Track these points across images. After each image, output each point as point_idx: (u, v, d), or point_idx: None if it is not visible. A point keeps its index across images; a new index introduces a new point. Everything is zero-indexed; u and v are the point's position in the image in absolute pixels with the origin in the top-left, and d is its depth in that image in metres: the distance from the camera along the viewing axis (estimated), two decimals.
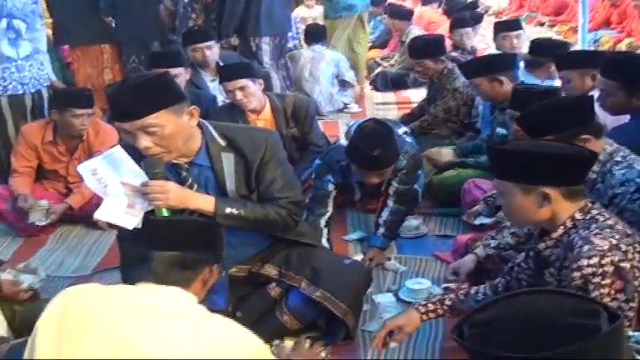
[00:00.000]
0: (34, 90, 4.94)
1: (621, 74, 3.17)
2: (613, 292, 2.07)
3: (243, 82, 4.37)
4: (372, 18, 9.99)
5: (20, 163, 4.47)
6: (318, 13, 9.59)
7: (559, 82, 4.02)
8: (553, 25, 11.74)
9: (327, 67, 7.12)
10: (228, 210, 2.72)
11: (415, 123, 5.40)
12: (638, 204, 2.57)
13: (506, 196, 2.26)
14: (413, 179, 3.89)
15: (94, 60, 6.09)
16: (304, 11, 10.06)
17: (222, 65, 5.01)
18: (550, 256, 2.28)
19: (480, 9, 11.40)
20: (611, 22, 10.08)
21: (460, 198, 4.13)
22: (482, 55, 5.77)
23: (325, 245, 3.63)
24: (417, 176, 3.95)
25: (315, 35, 7.31)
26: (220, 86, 4.74)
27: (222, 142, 2.77)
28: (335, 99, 7.23)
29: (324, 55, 7.15)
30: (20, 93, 4.88)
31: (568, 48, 5.16)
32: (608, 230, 2.14)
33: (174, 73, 4.30)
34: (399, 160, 3.72)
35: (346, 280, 2.95)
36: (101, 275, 3.83)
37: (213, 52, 5.36)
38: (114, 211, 2.63)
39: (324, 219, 3.82)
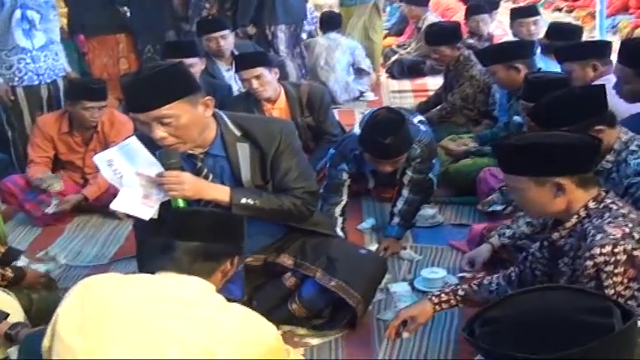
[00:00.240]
0: (49, 80, 4.97)
1: (638, 61, 3.14)
2: (626, 280, 2.07)
3: (258, 71, 4.38)
4: (388, 5, 9.93)
5: (37, 153, 4.50)
6: (333, 0, 9.54)
7: None
8: (571, 11, 11.61)
9: (342, 55, 7.09)
10: (243, 200, 2.72)
11: (434, 111, 5.38)
12: None
13: (520, 191, 2.25)
14: (427, 168, 3.89)
15: (109, 50, 6.09)
16: None
17: (237, 54, 5.01)
18: (564, 246, 2.28)
19: None
20: (630, 7, 9.95)
21: (476, 187, 4.12)
22: (499, 42, 5.72)
23: (340, 234, 3.64)
24: (431, 165, 3.95)
25: (331, 23, 7.28)
26: (236, 75, 4.74)
27: (238, 132, 2.78)
28: (351, 87, 7.20)
29: (339, 43, 7.12)
30: (36, 84, 4.91)
31: (582, 33, 5.13)
32: (621, 219, 2.14)
33: (188, 62, 4.31)
34: (412, 149, 3.72)
35: (362, 270, 2.96)
36: (118, 264, 3.86)
37: (227, 41, 5.34)
38: (130, 202, 2.65)
39: (339, 207, 3.82)
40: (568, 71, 3.75)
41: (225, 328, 1.90)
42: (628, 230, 2.09)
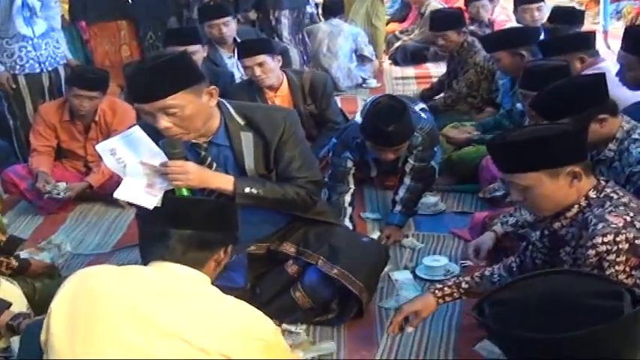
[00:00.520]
0: (51, 68, 4.98)
1: None
2: (628, 269, 2.07)
3: (261, 58, 4.37)
4: None
5: (39, 142, 4.50)
6: None
7: None
8: None
9: (345, 42, 7.06)
10: (247, 189, 2.72)
11: (439, 99, 5.37)
12: None
13: (531, 189, 2.17)
14: (429, 156, 3.88)
15: (111, 37, 6.07)
16: None
17: (240, 41, 5.00)
18: (565, 235, 2.27)
19: None
20: None
21: (478, 174, 4.12)
22: (504, 29, 5.70)
23: (348, 224, 3.64)
24: (433, 153, 3.94)
25: (333, 9, 7.23)
26: (238, 63, 4.72)
27: (241, 121, 2.78)
28: (353, 74, 7.17)
29: (342, 30, 7.09)
30: (37, 72, 4.91)
31: (584, 17, 5.12)
32: (622, 208, 2.13)
33: (191, 50, 4.28)
34: (414, 137, 3.71)
35: (363, 258, 2.96)
36: (121, 252, 3.87)
37: (230, 28, 5.32)
38: (133, 191, 2.63)
39: (347, 196, 3.81)
40: None
41: (218, 319, 1.90)
42: (629, 219, 2.09)
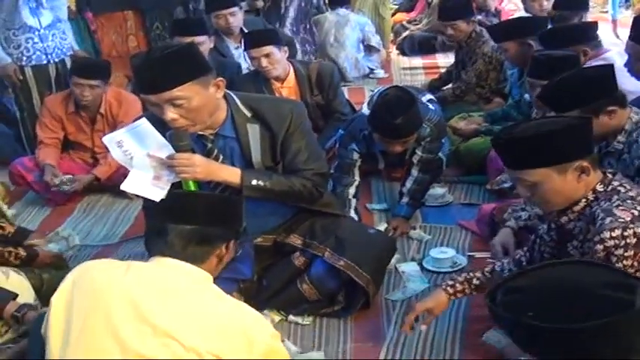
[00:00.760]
0: (57, 60, 4.96)
1: None
2: (636, 263, 2.06)
3: (268, 49, 4.35)
4: None
5: (46, 134, 4.50)
6: None
7: None
8: None
9: (352, 32, 7.04)
10: (254, 182, 2.72)
11: (448, 90, 5.35)
12: None
13: (540, 185, 2.15)
14: (437, 147, 3.87)
15: (117, 27, 6.07)
16: None
17: (247, 32, 4.98)
18: (573, 229, 2.26)
19: None
20: None
21: (486, 166, 4.10)
22: (512, 18, 5.66)
23: (353, 216, 3.63)
24: (441, 144, 3.93)
25: None
26: (245, 53, 4.72)
27: (248, 112, 2.77)
28: (361, 64, 7.15)
29: (349, 19, 7.06)
30: (44, 63, 4.89)
31: (588, 2, 5.09)
32: (629, 202, 2.12)
33: (197, 41, 4.27)
34: (422, 128, 3.69)
35: (370, 250, 2.96)
36: (128, 244, 3.88)
37: (236, 18, 5.29)
38: (140, 183, 2.64)
39: (352, 188, 3.80)
40: None
41: (214, 319, 1.89)
42: (637, 213, 2.08)
